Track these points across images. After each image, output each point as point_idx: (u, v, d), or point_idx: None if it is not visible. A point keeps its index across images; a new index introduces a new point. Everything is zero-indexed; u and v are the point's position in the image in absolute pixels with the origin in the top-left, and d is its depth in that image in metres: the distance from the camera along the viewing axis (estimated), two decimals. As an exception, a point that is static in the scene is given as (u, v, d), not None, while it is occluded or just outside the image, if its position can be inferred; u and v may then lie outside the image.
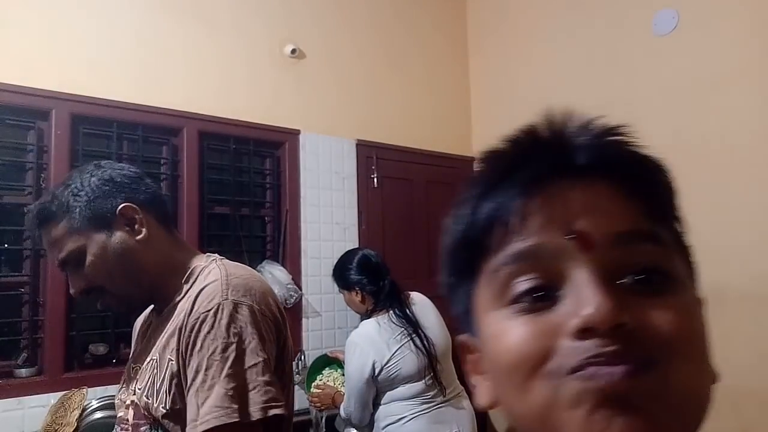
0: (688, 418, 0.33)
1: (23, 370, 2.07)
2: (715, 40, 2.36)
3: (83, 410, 1.99)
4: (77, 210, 0.95)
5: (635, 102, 2.64)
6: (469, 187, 0.41)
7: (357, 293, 2.10)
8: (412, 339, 1.95)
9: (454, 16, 3.63)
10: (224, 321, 0.86)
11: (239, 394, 0.83)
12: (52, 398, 2.03)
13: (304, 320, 2.74)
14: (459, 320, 0.44)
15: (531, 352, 0.33)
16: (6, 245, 2.16)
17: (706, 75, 2.38)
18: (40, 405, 2.02)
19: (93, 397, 2.07)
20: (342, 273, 2.17)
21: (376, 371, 1.92)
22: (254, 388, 0.84)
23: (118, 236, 0.96)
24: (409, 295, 2.14)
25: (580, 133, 0.39)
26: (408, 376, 1.94)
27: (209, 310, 0.87)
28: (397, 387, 1.96)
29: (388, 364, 1.92)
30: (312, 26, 2.94)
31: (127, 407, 0.98)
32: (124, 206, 0.96)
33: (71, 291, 0.98)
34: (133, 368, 1.02)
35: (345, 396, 2.06)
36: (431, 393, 1.97)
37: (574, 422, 0.31)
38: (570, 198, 0.36)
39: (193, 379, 0.85)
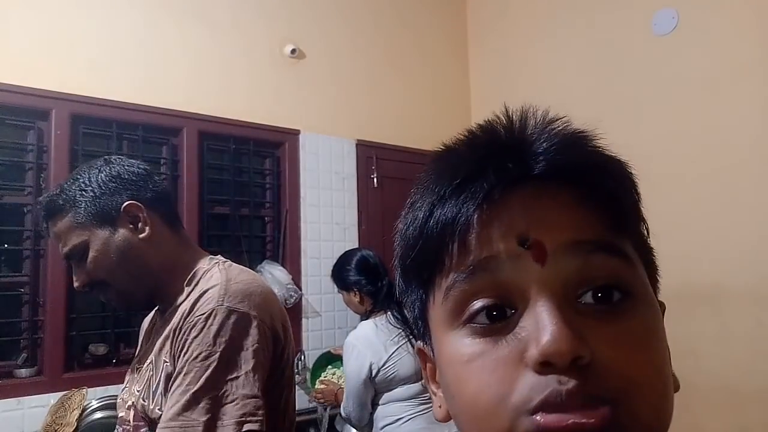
0: None
1: (23, 370, 2.06)
2: (715, 39, 2.36)
3: (83, 410, 1.99)
4: (83, 205, 0.95)
5: (635, 102, 2.64)
6: (422, 187, 0.39)
7: (355, 294, 2.11)
8: (409, 340, 1.93)
9: (454, 16, 3.63)
10: (213, 328, 0.85)
11: (213, 405, 0.81)
12: (52, 398, 2.03)
13: (304, 320, 2.73)
14: (413, 326, 0.43)
15: (489, 387, 0.33)
16: (6, 245, 2.16)
17: (705, 75, 2.38)
18: (40, 405, 2.02)
19: (93, 397, 2.07)
20: (340, 274, 2.17)
21: (373, 373, 1.93)
22: (232, 400, 0.82)
23: (122, 233, 0.96)
24: None
25: (539, 138, 0.37)
26: (405, 378, 1.95)
27: (202, 315, 0.86)
28: (394, 388, 1.97)
29: (385, 366, 1.93)
30: (312, 26, 2.94)
31: (129, 408, 0.98)
32: (128, 204, 0.96)
33: (75, 284, 0.98)
34: (136, 369, 1.02)
35: (344, 396, 2.07)
36: (429, 394, 1.95)
37: None
38: (527, 208, 0.35)
39: (173, 381, 0.84)
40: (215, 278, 0.93)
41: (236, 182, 2.68)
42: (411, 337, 1.72)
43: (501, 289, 0.34)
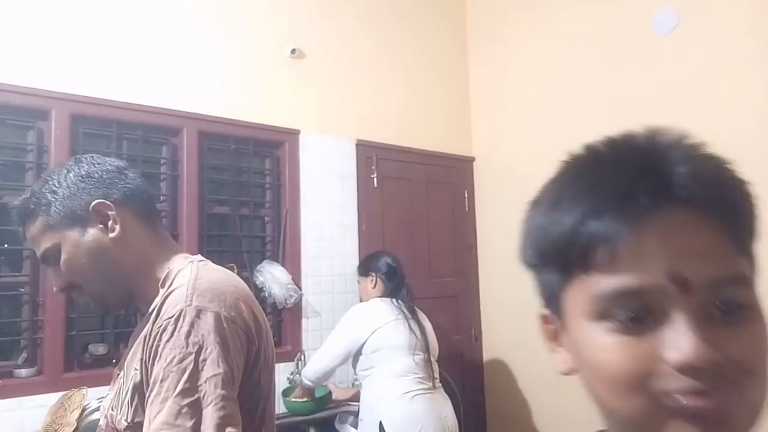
0: (754, 422, 0.41)
1: (23, 371, 2.07)
2: (715, 39, 2.36)
3: (83, 410, 1.98)
4: (53, 207, 0.92)
5: (635, 102, 2.63)
6: (564, 186, 0.45)
7: (372, 279, 2.40)
8: (407, 320, 2.23)
9: (454, 16, 3.63)
10: (184, 329, 0.81)
11: (194, 410, 0.77)
12: (52, 398, 2.03)
13: (303, 320, 2.73)
14: (540, 296, 0.49)
15: (632, 371, 0.40)
16: (6, 245, 2.16)
17: (706, 75, 2.38)
18: (40, 405, 2.02)
19: (93, 397, 2.07)
20: (367, 261, 2.51)
21: (368, 329, 2.18)
22: (211, 402, 0.78)
23: (91, 234, 0.92)
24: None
25: (683, 162, 0.42)
26: (396, 346, 2.17)
27: (171, 317, 0.82)
28: (387, 355, 2.15)
29: (380, 329, 2.17)
30: (312, 26, 2.94)
31: (105, 416, 0.94)
32: (96, 203, 0.92)
33: (54, 288, 0.96)
34: (118, 375, 0.98)
35: (319, 351, 2.30)
36: (422, 374, 2.18)
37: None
38: (672, 235, 0.40)
39: (151, 390, 0.80)
40: (183, 278, 0.89)
41: (236, 182, 2.68)
42: (409, 319, 2.05)
43: (644, 305, 0.40)
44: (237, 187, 2.68)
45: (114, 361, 2.25)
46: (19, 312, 2.12)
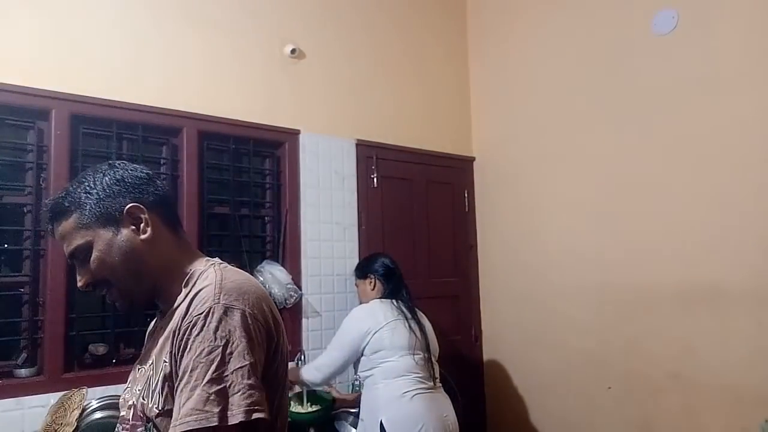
0: None
1: (23, 370, 2.07)
2: (715, 40, 2.36)
3: (83, 410, 1.99)
4: (87, 207, 0.99)
5: (635, 102, 2.64)
6: None
7: (371, 281, 2.42)
8: (407, 320, 2.25)
9: (454, 17, 3.63)
10: (213, 324, 0.88)
11: (222, 397, 0.84)
12: (52, 398, 2.03)
13: (303, 320, 2.74)
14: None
15: None
16: (6, 245, 2.16)
17: (706, 75, 2.38)
18: (39, 405, 2.02)
19: (93, 397, 2.07)
20: (364, 264, 2.52)
21: (370, 335, 2.19)
22: (238, 391, 0.85)
23: (124, 234, 0.99)
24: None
25: None
26: (397, 346, 2.18)
27: (200, 314, 0.89)
28: (388, 355, 2.16)
29: (381, 329, 2.19)
30: (312, 26, 2.94)
31: (129, 407, 1.00)
32: (131, 206, 1.00)
33: (78, 284, 1.02)
34: (138, 369, 1.05)
35: (323, 356, 2.29)
36: (423, 373, 2.19)
37: None
38: None
39: (180, 380, 0.87)
40: (209, 278, 0.97)
41: (236, 182, 2.68)
42: (410, 320, 2.08)
43: None
44: (237, 187, 2.68)
45: (114, 360, 2.26)
46: (19, 312, 2.12)
